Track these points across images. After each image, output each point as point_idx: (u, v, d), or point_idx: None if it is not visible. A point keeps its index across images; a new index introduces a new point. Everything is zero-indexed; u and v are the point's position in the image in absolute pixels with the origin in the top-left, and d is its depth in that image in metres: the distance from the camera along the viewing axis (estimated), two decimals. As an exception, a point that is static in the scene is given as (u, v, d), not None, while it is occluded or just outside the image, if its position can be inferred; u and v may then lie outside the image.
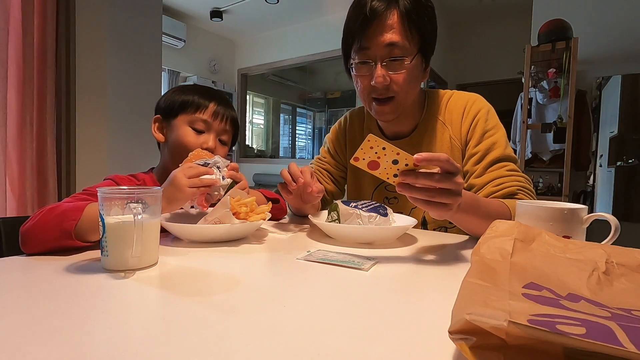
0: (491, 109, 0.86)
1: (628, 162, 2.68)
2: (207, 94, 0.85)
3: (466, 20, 4.32)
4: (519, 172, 0.79)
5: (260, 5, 4.06)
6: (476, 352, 0.23)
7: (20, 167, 1.65)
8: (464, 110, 0.85)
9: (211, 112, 0.83)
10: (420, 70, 0.81)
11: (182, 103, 0.83)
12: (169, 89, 0.89)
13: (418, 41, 0.77)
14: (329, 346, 0.30)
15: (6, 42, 1.60)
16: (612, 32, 2.66)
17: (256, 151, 5.62)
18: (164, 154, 0.87)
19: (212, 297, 0.40)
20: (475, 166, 0.81)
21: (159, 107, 0.86)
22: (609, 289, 0.31)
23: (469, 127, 0.84)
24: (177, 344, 0.29)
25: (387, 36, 0.75)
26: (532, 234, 0.39)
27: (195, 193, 0.66)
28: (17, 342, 0.29)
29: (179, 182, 0.65)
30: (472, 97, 0.87)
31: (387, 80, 0.77)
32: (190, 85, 0.89)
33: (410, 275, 0.51)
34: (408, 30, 0.75)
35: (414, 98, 0.85)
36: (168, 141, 0.84)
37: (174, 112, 0.83)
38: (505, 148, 0.81)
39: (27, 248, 0.56)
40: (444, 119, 0.88)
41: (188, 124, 0.82)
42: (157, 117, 0.86)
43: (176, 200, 0.65)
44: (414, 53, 0.77)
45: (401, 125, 0.91)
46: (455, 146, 0.86)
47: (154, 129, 0.86)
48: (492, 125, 0.83)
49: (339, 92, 5.13)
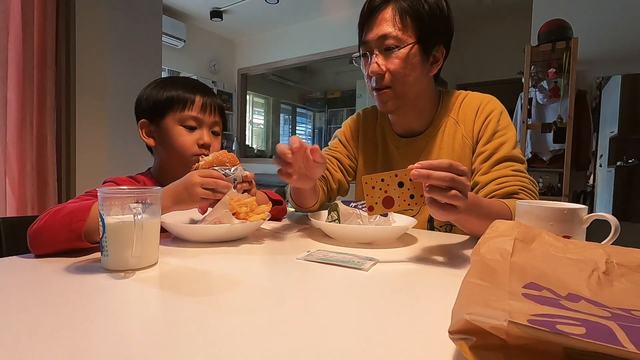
0: (504, 111, 0.86)
1: (628, 162, 2.68)
2: (189, 86, 0.82)
3: (466, 20, 4.31)
4: (524, 173, 0.79)
5: (260, 5, 4.06)
6: (476, 352, 0.23)
7: (20, 167, 1.65)
8: (478, 110, 0.86)
9: (199, 106, 0.80)
10: (419, 61, 0.82)
11: (167, 101, 0.79)
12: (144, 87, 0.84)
13: (415, 32, 0.79)
14: (329, 346, 0.30)
15: (6, 42, 1.60)
16: (612, 32, 2.66)
17: (256, 151, 5.62)
18: (159, 155, 0.85)
19: (212, 297, 0.40)
20: (482, 164, 0.82)
21: (142, 109, 0.82)
22: (609, 289, 0.31)
23: (480, 125, 0.85)
24: (177, 344, 0.29)
25: (381, 28, 0.79)
26: (532, 234, 0.39)
27: (205, 203, 0.67)
28: (17, 342, 0.29)
29: (193, 191, 0.64)
30: (486, 97, 0.89)
31: (382, 70, 0.81)
32: (167, 79, 0.85)
33: (410, 275, 0.51)
34: (402, 22, 0.78)
35: (417, 90, 0.85)
36: (161, 144, 0.82)
37: (161, 113, 0.80)
38: (513, 148, 0.81)
39: (35, 249, 0.55)
40: (457, 117, 0.89)
41: (179, 123, 0.80)
42: (143, 122, 0.82)
43: (184, 204, 0.65)
44: (409, 43, 0.79)
45: (412, 122, 0.91)
46: (467, 144, 0.86)
47: (142, 134, 0.82)
48: (503, 125, 0.83)
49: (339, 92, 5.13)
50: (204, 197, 0.65)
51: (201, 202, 0.66)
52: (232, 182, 0.69)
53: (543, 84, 2.72)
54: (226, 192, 0.67)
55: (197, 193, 0.64)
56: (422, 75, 0.84)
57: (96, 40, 1.94)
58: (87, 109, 1.90)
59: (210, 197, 0.65)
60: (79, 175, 1.88)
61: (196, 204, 0.66)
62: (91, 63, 1.92)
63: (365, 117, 1.03)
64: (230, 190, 0.69)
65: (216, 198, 0.66)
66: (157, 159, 0.87)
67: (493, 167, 0.80)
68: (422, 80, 0.85)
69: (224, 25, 4.60)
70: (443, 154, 0.88)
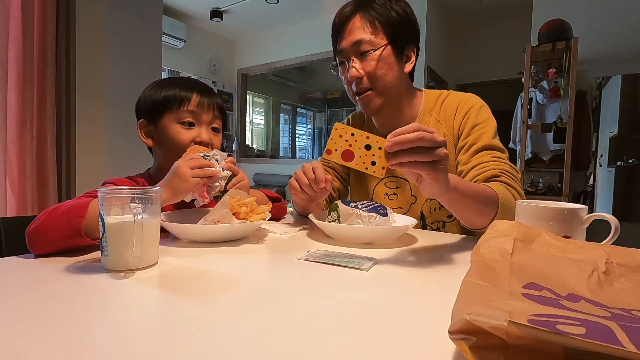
0: (484, 106, 0.88)
1: (628, 162, 2.68)
2: (186, 85, 0.82)
3: (466, 20, 4.32)
4: (503, 160, 0.81)
5: (260, 5, 4.06)
6: (476, 352, 0.23)
7: (20, 167, 1.65)
8: (457, 107, 0.89)
9: (195, 103, 0.80)
10: (394, 60, 0.85)
11: (164, 100, 0.80)
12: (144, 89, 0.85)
13: (385, 34, 0.83)
14: (329, 346, 0.30)
15: (6, 42, 1.60)
16: (612, 32, 2.66)
17: (256, 151, 5.62)
18: (158, 155, 0.85)
19: (212, 297, 0.40)
20: (463, 155, 0.84)
21: (140, 110, 0.83)
22: (609, 289, 0.31)
23: (460, 121, 0.87)
24: (177, 344, 0.29)
25: (354, 35, 0.83)
26: (532, 234, 0.39)
27: (198, 183, 0.68)
28: (17, 342, 0.29)
29: (182, 173, 0.66)
30: (466, 95, 0.91)
31: (360, 73, 0.84)
32: (166, 80, 0.85)
33: (410, 275, 0.51)
34: (372, 27, 0.83)
35: (397, 89, 0.87)
36: (159, 144, 0.82)
37: (158, 112, 0.80)
38: (493, 138, 0.83)
39: (34, 249, 0.55)
40: (439, 116, 0.91)
41: (175, 121, 0.80)
42: (142, 122, 0.82)
43: (181, 190, 0.66)
44: (382, 44, 0.83)
45: (394, 122, 0.92)
46: (449, 142, 0.88)
47: (141, 135, 0.83)
48: (483, 119, 0.85)
49: (339, 92, 5.14)
50: (194, 175, 0.67)
51: (194, 182, 0.67)
52: (215, 162, 0.72)
53: (543, 84, 2.72)
54: (213, 169, 0.70)
55: (187, 173, 0.66)
56: (399, 74, 0.87)
57: (96, 40, 1.94)
58: (87, 109, 1.90)
59: (200, 174, 0.68)
60: (79, 175, 1.88)
61: (189, 185, 0.66)
62: (91, 63, 1.92)
63: (354, 120, 1.06)
64: (231, 190, 0.70)
65: (206, 174, 0.68)
66: (156, 160, 0.87)
67: (473, 155, 0.82)
68: (400, 79, 0.87)
69: (224, 25, 4.60)
70: None
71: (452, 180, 0.60)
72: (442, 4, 3.90)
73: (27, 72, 1.65)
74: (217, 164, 0.72)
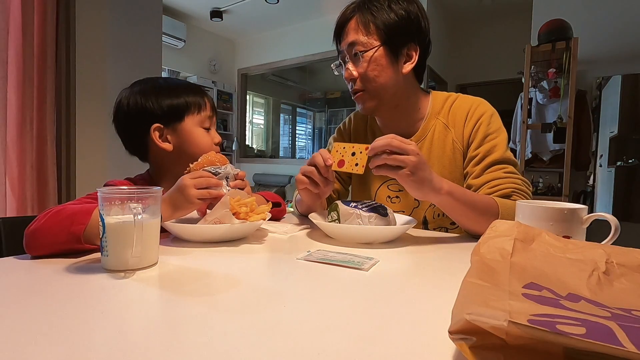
0: (495, 113, 0.87)
1: (628, 162, 2.68)
2: (194, 88, 0.83)
3: (466, 20, 4.32)
4: (516, 175, 0.80)
5: (260, 5, 4.06)
6: (476, 352, 0.23)
7: (20, 167, 1.65)
8: (468, 114, 0.86)
9: (210, 107, 0.83)
10: (387, 62, 0.84)
11: (186, 105, 0.80)
12: (130, 91, 0.84)
13: (379, 36, 0.83)
14: (329, 346, 0.30)
15: (6, 42, 1.60)
16: (612, 32, 2.66)
17: (256, 151, 5.62)
18: (170, 158, 0.81)
19: (212, 297, 0.40)
20: (475, 167, 0.82)
21: (154, 114, 0.78)
22: (609, 289, 0.31)
23: (471, 130, 0.85)
24: (177, 344, 0.29)
25: (349, 37, 0.85)
26: (532, 234, 0.39)
27: (202, 204, 0.67)
28: (17, 342, 0.29)
29: (188, 193, 0.64)
30: (476, 100, 0.89)
31: (353, 74, 0.86)
32: (162, 81, 0.84)
33: (410, 275, 0.51)
34: (366, 29, 0.83)
35: (393, 90, 0.86)
36: (179, 146, 0.80)
37: (180, 115, 0.79)
38: (505, 151, 0.82)
39: (32, 250, 0.55)
40: (447, 121, 0.89)
41: (199, 125, 0.81)
42: (158, 126, 0.78)
43: (182, 209, 0.65)
44: (374, 46, 0.83)
45: (398, 123, 0.92)
46: (457, 149, 0.87)
47: (156, 138, 0.78)
48: (494, 129, 0.84)
49: (339, 92, 5.14)
50: (199, 197, 0.64)
51: (198, 204, 0.65)
52: (225, 180, 0.70)
53: (543, 84, 2.72)
54: (219, 189, 0.67)
55: (192, 194, 0.64)
56: (395, 75, 0.85)
57: (96, 40, 1.94)
58: (87, 109, 1.90)
59: (205, 196, 0.65)
60: (79, 176, 1.88)
61: (193, 206, 0.66)
62: (91, 63, 1.92)
63: (356, 120, 1.05)
64: (231, 190, 0.69)
65: (211, 196, 0.66)
66: (161, 163, 0.84)
67: (485, 170, 0.81)
68: (396, 80, 0.85)
69: (224, 25, 4.60)
70: (433, 158, 0.88)
71: (446, 186, 0.68)
72: (442, 4, 3.91)
73: (27, 72, 1.65)
74: (225, 183, 0.70)
